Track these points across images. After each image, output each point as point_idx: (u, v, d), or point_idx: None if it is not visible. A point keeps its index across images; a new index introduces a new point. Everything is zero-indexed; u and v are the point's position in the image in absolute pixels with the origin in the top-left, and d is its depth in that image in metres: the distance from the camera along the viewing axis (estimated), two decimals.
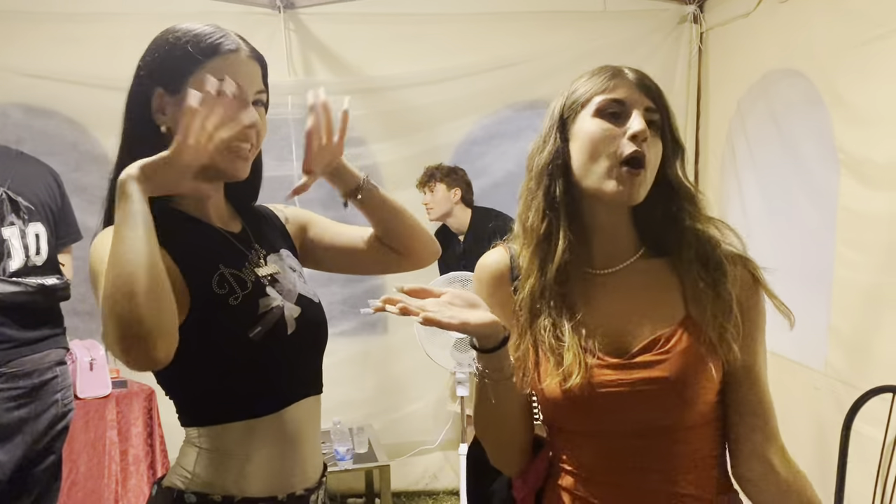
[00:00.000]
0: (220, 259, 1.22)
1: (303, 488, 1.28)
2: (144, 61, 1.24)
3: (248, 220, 1.36)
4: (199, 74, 1.17)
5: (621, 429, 1.14)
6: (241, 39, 1.24)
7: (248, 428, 1.21)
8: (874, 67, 2.60)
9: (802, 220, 3.05)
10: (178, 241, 1.18)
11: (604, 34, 3.84)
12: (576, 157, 1.16)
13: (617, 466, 1.15)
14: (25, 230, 2.41)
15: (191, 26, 1.23)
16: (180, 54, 1.20)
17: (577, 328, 1.14)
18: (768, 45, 3.28)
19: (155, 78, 1.21)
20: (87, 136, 3.57)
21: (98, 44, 3.47)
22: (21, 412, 2.40)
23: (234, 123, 1.15)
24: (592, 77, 1.18)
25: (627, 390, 1.11)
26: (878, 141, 2.59)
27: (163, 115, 1.21)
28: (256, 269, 1.26)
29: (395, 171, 3.87)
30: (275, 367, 1.22)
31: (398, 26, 3.77)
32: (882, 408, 2.44)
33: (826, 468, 2.82)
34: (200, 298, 1.17)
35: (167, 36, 1.23)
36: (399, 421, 4.03)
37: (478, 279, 1.31)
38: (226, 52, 1.20)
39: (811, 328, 2.95)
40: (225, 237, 1.27)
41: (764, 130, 3.34)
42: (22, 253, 2.39)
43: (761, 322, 1.18)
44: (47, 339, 2.48)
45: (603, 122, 1.13)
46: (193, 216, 1.26)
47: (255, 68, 1.24)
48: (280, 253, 1.36)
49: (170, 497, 1.22)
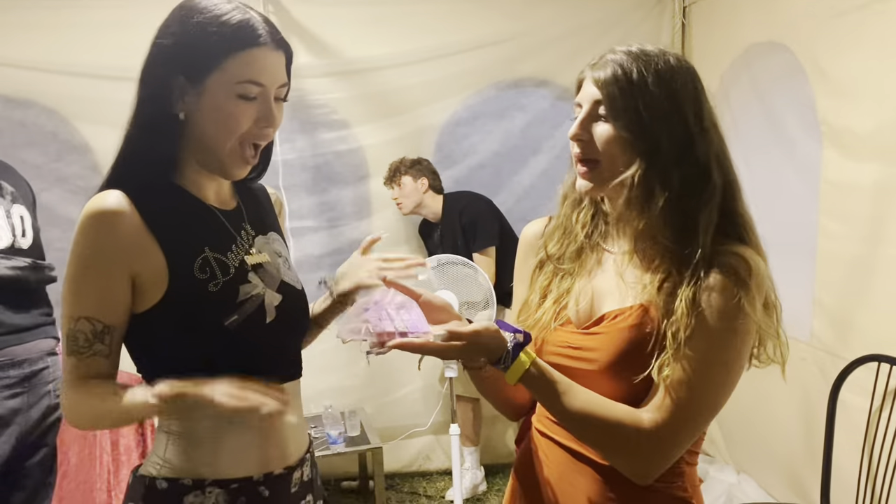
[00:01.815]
0: (207, 241, 1.21)
1: (282, 467, 1.27)
2: (163, 43, 1.18)
3: (245, 197, 1.35)
4: (223, 68, 1.14)
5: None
6: (267, 25, 1.19)
7: (218, 413, 1.18)
8: (855, 39, 2.60)
9: (786, 193, 3.06)
10: (170, 220, 1.18)
11: (587, 10, 3.82)
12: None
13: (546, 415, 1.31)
14: (10, 210, 2.37)
15: (216, 8, 1.17)
16: (205, 44, 1.15)
17: (562, 295, 1.30)
18: (751, 19, 3.28)
19: (176, 64, 1.16)
20: (66, 125, 3.52)
21: (77, 32, 3.42)
22: (13, 402, 2.37)
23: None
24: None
25: (567, 352, 1.26)
26: (860, 112, 2.60)
27: (182, 102, 1.18)
28: (244, 255, 1.25)
29: (380, 154, 3.85)
30: (250, 355, 1.21)
31: (379, 7, 3.73)
32: (867, 377, 2.47)
33: (813, 438, 2.86)
34: (180, 283, 1.17)
35: (191, 17, 1.17)
36: (390, 404, 4.04)
37: (519, 244, 1.45)
38: (253, 46, 1.16)
39: (796, 300, 2.97)
40: (217, 217, 1.26)
41: (747, 103, 3.35)
42: (9, 232, 2.35)
43: (715, 339, 1.16)
44: (38, 326, 2.44)
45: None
46: (190, 192, 1.24)
47: (281, 59, 1.20)
48: (268, 236, 1.35)
49: (143, 484, 1.22)
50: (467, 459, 3.83)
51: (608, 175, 1.21)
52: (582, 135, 1.22)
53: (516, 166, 4.08)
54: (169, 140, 1.19)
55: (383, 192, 3.84)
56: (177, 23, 1.18)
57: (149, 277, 1.16)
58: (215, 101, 1.16)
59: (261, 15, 1.20)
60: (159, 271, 1.16)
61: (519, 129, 4.03)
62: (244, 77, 1.15)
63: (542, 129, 4.02)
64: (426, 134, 3.96)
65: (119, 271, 1.15)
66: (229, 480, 1.21)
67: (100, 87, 3.42)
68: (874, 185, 2.54)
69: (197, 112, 1.17)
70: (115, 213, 1.14)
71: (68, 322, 1.17)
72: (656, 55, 1.20)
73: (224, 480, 1.21)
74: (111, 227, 1.14)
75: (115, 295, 1.16)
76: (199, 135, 1.19)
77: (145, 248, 1.16)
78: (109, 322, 1.17)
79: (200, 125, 1.18)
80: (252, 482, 1.23)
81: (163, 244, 1.17)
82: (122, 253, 1.15)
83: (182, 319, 1.17)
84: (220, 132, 1.18)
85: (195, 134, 1.19)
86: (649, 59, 1.19)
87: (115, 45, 3.44)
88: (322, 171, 3.89)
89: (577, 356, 1.25)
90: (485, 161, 4.09)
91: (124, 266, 1.15)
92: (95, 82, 3.43)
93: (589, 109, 1.21)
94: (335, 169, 3.92)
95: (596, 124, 1.21)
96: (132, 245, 1.15)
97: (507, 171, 4.09)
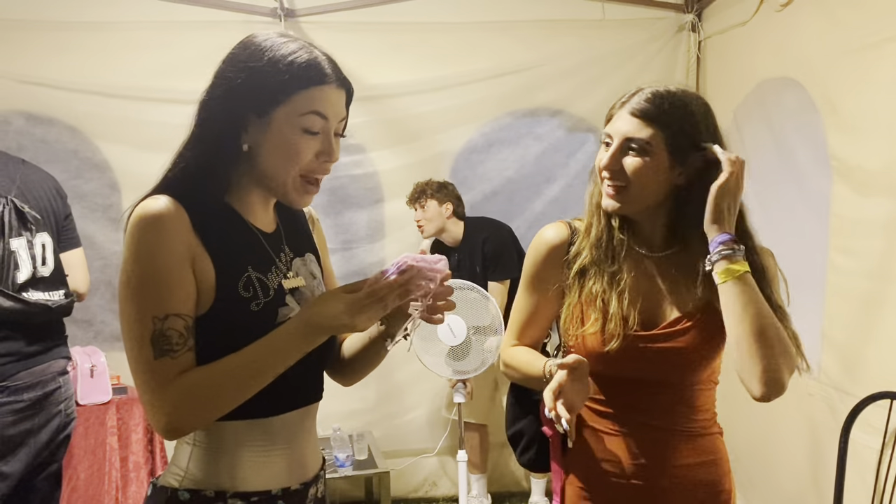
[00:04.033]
0: (250, 261, 1.24)
1: (299, 483, 1.30)
2: (230, 76, 1.21)
3: (283, 217, 1.37)
4: (290, 102, 1.18)
5: (641, 381, 1.46)
6: (331, 64, 1.24)
7: (244, 428, 1.23)
8: (866, 75, 2.62)
9: (796, 227, 3.06)
10: (218, 234, 1.20)
11: (603, 43, 3.87)
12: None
13: (632, 406, 1.48)
14: (33, 241, 2.39)
15: (284, 47, 1.21)
16: (274, 81, 1.19)
17: (621, 300, 1.43)
18: (764, 54, 3.31)
19: (245, 100, 1.19)
20: (87, 143, 3.59)
21: (100, 52, 3.50)
22: (25, 425, 2.39)
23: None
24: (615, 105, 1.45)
25: (652, 356, 1.43)
26: (870, 148, 2.61)
27: (245, 132, 1.21)
28: (282, 279, 1.27)
29: (395, 179, 3.89)
30: (281, 376, 1.21)
31: (398, 35, 3.79)
32: (876, 414, 2.45)
33: (820, 474, 2.83)
34: (225, 298, 1.19)
35: (260, 54, 1.20)
36: (398, 428, 4.04)
37: (534, 248, 1.55)
38: (320, 84, 1.20)
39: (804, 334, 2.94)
40: (258, 238, 1.28)
41: (759, 138, 3.36)
42: (30, 264, 2.37)
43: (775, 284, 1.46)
44: (50, 350, 2.46)
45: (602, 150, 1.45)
46: (237, 211, 1.27)
47: (342, 96, 1.25)
48: (305, 258, 1.37)
49: (164, 495, 1.23)
50: (474, 487, 3.81)
51: (636, 198, 1.41)
52: (613, 165, 1.40)
53: (530, 194, 4.11)
54: (228, 166, 1.23)
55: (397, 216, 3.87)
56: (246, 59, 1.21)
57: (201, 283, 1.18)
58: (281, 134, 1.19)
59: (325, 54, 1.24)
60: (210, 280, 1.18)
61: (533, 156, 4.06)
62: (310, 109, 1.19)
63: (556, 158, 4.05)
64: (442, 160, 4.00)
65: (188, 268, 1.16)
66: (250, 493, 1.23)
67: (121, 107, 3.50)
68: (884, 221, 2.54)
69: (261, 144, 1.21)
70: (173, 211, 1.16)
71: (151, 323, 1.13)
72: (683, 95, 1.40)
73: (245, 493, 1.23)
74: (174, 223, 1.15)
75: (191, 289, 1.17)
76: (263, 166, 1.22)
77: (199, 253, 1.17)
78: (193, 316, 1.17)
79: (264, 156, 1.21)
80: (271, 496, 1.25)
81: (211, 254, 1.19)
82: (185, 250, 1.16)
83: (224, 334, 1.18)
84: (283, 164, 1.21)
85: (258, 164, 1.22)
86: (676, 98, 1.39)
87: (136, 66, 3.53)
88: (337, 195, 3.93)
89: (663, 355, 1.43)
90: (498, 188, 4.12)
91: (189, 263, 1.16)
92: (117, 102, 3.50)
93: (620, 143, 1.39)
94: (350, 192, 3.97)
95: (626, 156, 1.39)
96: (191, 244, 1.17)
97: (521, 199, 4.12)
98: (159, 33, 3.52)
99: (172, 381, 1.14)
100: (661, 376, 1.46)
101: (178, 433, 1.18)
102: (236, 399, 1.16)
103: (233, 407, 1.16)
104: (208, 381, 1.15)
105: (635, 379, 1.47)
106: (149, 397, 1.15)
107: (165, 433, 1.16)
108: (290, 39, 1.23)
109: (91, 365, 3.22)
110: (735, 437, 3.52)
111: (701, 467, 1.50)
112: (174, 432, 1.17)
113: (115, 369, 3.31)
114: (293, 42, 1.22)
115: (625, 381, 1.48)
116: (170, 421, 1.14)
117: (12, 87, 3.45)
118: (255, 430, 1.24)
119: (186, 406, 1.14)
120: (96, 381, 3.23)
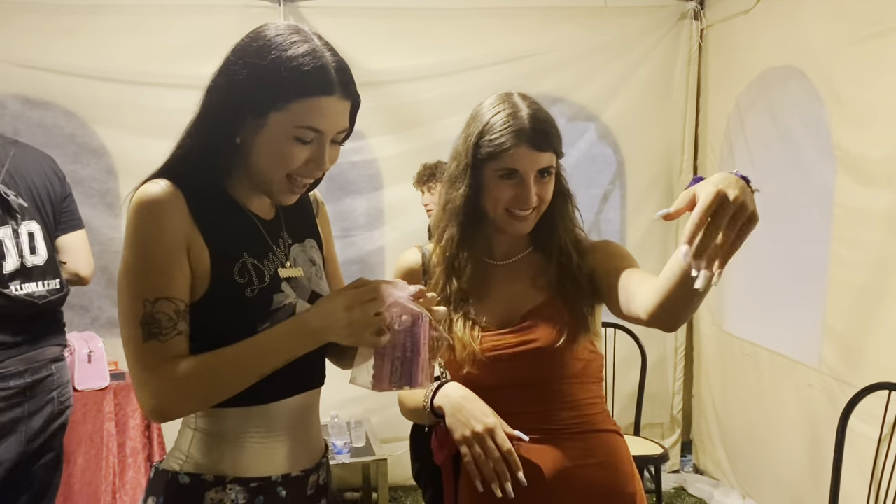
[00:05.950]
0: (246, 248, 1.24)
1: (300, 469, 1.30)
2: (235, 69, 1.19)
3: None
4: (288, 110, 1.16)
5: (508, 382, 1.47)
6: (340, 73, 1.20)
7: (245, 414, 1.23)
8: (871, 65, 2.60)
9: (799, 217, 3.06)
10: (215, 220, 1.20)
11: (604, 30, 3.84)
12: (485, 201, 1.50)
13: (517, 413, 1.44)
14: (18, 230, 2.33)
15: (293, 48, 1.17)
16: (275, 83, 1.16)
17: (468, 311, 1.49)
18: (767, 43, 3.29)
19: (244, 96, 1.17)
20: (84, 128, 3.56)
21: (96, 36, 3.47)
22: (14, 412, 2.35)
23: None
24: (499, 133, 1.48)
25: (511, 352, 1.46)
26: (874, 138, 2.60)
27: (241, 127, 1.20)
28: (279, 267, 1.27)
29: (395, 166, 3.87)
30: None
31: (398, 21, 3.77)
32: (876, 405, 2.45)
33: (818, 464, 2.84)
34: (221, 283, 1.19)
35: (265, 52, 1.17)
36: (397, 415, 3.99)
37: (394, 274, 1.61)
38: (322, 95, 1.17)
39: (805, 325, 2.97)
40: (255, 225, 1.28)
41: (762, 127, 3.35)
42: (16, 254, 2.32)
43: (623, 250, 1.53)
44: (41, 338, 2.43)
45: (501, 183, 1.46)
46: (235, 198, 1.26)
47: (346, 107, 1.22)
48: (304, 244, 1.36)
49: (165, 478, 1.24)
50: None
51: (540, 212, 1.48)
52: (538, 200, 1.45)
53: None
54: (222, 157, 1.22)
55: (397, 203, 3.85)
56: (252, 54, 1.18)
57: (196, 268, 1.18)
58: (272, 138, 1.18)
59: (335, 60, 1.21)
60: (205, 265, 1.18)
61: None
62: (304, 123, 1.16)
63: None
64: (441, 147, 3.96)
65: (183, 252, 1.16)
66: (249, 479, 1.24)
67: (118, 92, 3.47)
68: (887, 212, 2.54)
69: (253, 142, 1.20)
70: (170, 195, 1.16)
71: (142, 307, 1.14)
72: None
73: (244, 479, 1.23)
74: (171, 208, 1.16)
75: (185, 274, 1.17)
76: (252, 162, 1.22)
77: (195, 238, 1.18)
78: (187, 301, 1.17)
79: (254, 155, 1.20)
80: (271, 482, 1.25)
81: (207, 240, 1.18)
82: (181, 235, 1.16)
83: (219, 320, 1.18)
84: (272, 165, 1.20)
85: (248, 160, 1.22)
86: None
87: (134, 50, 3.50)
88: (336, 181, 3.91)
89: (521, 350, 1.46)
90: None
91: (185, 248, 1.17)
92: (114, 86, 3.47)
93: (536, 176, 1.43)
94: (349, 179, 3.95)
95: (540, 184, 1.44)
96: (187, 229, 1.17)
97: None
98: (158, 17, 3.49)
99: (161, 364, 1.14)
100: (528, 375, 1.47)
101: (165, 417, 1.18)
102: (228, 391, 1.16)
103: (224, 398, 1.17)
104: (200, 370, 1.15)
105: (507, 385, 1.47)
106: (137, 379, 1.16)
107: (152, 415, 1.17)
108: (302, 39, 1.19)
109: (89, 350, 3.21)
110: (734, 427, 3.52)
111: (595, 469, 1.47)
112: (161, 415, 1.17)
113: (113, 355, 3.29)
114: (304, 43, 1.18)
115: (498, 390, 1.45)
116: (157, 404, 1.15)
117: (9, 70, 3.42)
118: (255, 416, 1.24)
119: (174, 393, 1.15)
120: (94, 367, 3.22)
